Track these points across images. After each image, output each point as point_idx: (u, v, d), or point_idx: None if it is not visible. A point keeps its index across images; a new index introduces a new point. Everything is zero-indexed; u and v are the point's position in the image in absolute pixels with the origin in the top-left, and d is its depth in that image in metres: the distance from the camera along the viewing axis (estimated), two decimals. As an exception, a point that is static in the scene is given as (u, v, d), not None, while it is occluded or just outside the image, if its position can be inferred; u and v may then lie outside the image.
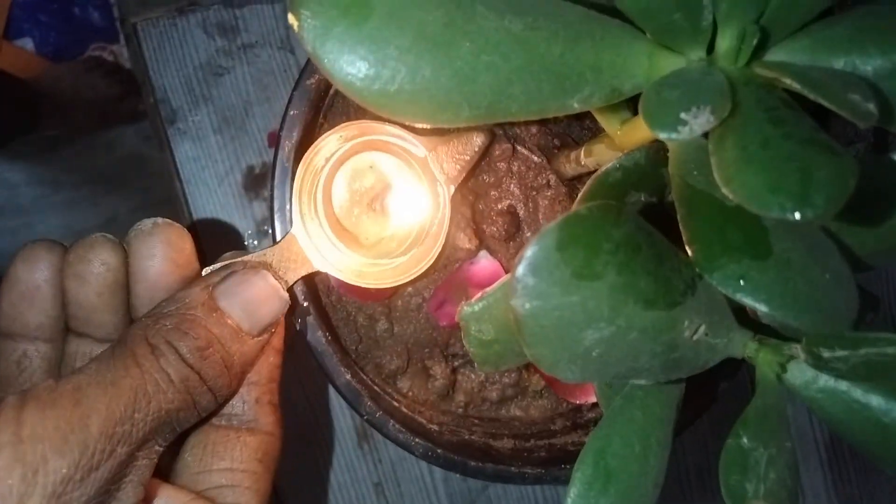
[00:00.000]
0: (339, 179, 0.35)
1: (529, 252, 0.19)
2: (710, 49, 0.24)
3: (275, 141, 0.55)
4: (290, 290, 0.32)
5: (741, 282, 0.22)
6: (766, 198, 0.19)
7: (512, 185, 0.39)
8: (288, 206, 0.32)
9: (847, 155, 0.19)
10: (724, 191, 0.20)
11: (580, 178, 0.39)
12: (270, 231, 0.33)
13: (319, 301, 0.35)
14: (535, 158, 0.39)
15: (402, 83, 0.22)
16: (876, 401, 0.24)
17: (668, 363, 0.23)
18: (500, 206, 0.39)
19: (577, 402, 0.42)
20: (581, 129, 0.41)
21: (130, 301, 0.32)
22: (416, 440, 0.35)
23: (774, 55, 0.23)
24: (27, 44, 1.15)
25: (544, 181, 0.39)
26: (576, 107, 0.23)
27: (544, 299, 0.19)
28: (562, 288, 0.19)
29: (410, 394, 0.39)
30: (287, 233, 0.32)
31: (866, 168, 0.25)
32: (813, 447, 0.57)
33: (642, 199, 0.31)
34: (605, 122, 0.33)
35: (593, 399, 0.42)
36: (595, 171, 0.37)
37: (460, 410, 0.41)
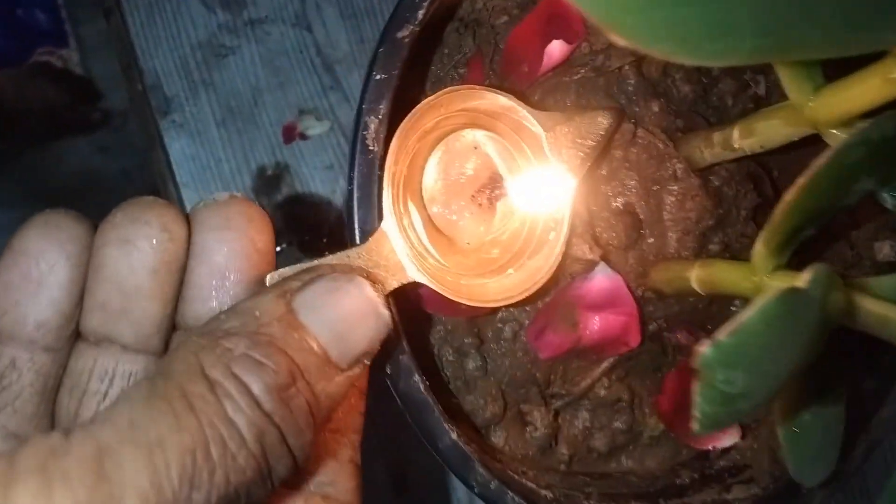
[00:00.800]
0: (431, 164, 0.26)
1: None
2: None
3: (289, 135, 0.46)
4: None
5: None
6: None
7: (629, 178, 0.31)
8: (376, 198, 0.23)
9: None
10: None
11: (712, 168, 0.31)
12: (349, 229, 0.24)
13: (413, 331, 0.26)
14: (659, 144, 0.31)
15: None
16: None
17: None
18: (615, 205, 0.31)
19: (703, 446, 0.34)
20: (707, 106, 0.33)
21: (182, 293, 0.23)
22: (538, 516, 0.26)
23: None
24: (-35, 48, 1.03)
25: (669, 172, 0.31)
26: (892, 39, 0.15)
27: None
28: None
29: (507, 448, 0.31)
30: (376, 229, 0.23)
31: None
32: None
33: (870, 187, 0.23)
34: (794, 88, 0.25)
35: (723, 443, 0.33)
36: (749, 156, 0.29)
37: (563, 466, 0.32)
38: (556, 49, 0.30)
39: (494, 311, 0.29)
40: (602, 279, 0.30)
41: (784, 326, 0.17)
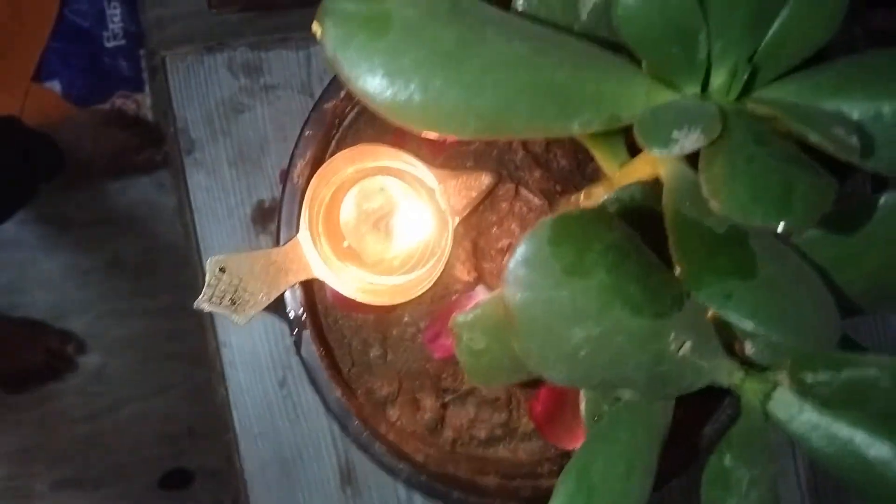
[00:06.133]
0: (349, 198, 0.36)
1: (522, 245, 0.20)
2: (705, 87, 0.25)
3: (285, 177, 0.57)
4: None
5: (728, 299, 0.23)
6: (749, 207, 0.20)
7: (513, 225, 0.40)
8: (295, 217, 0.33)
9: (826, 174, 0.20)
10: (711, 204, 0.21)
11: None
12: (277, 239, 0.34)
13: (317, 317, 0.36)
14: (537, 200, 0.40)
15: (414, 93, 0.23)
16: (860, 436, 0.24)
17: (654, 376, 0.24)
18: (500, 245, 0.40)
19: (567, 447, 0.42)
20: (582, 177, 0.42)
21: None
22: (401, 465, 0.35)
23: (764, 94, 0.25)
24: (55, 86, 1.19)
25: (544, 223, 0.40)
26: (576, 129, 0.25)
27: (535, 290, 0.20)
28: (553, 281, 0.20)
29: (399, 423, 0.40)
30: (292, 237, 0.34)
31: (857, 209, 0.26)
32: (794, 481, 0.57)
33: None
34: (605, 163, 0.34)
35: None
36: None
37: (447, 447, 0.41)
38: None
39: (393, 311, 0.39)
40: (482, 297, 0.39)
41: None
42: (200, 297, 0.32)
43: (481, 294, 0.39)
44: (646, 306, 0.22)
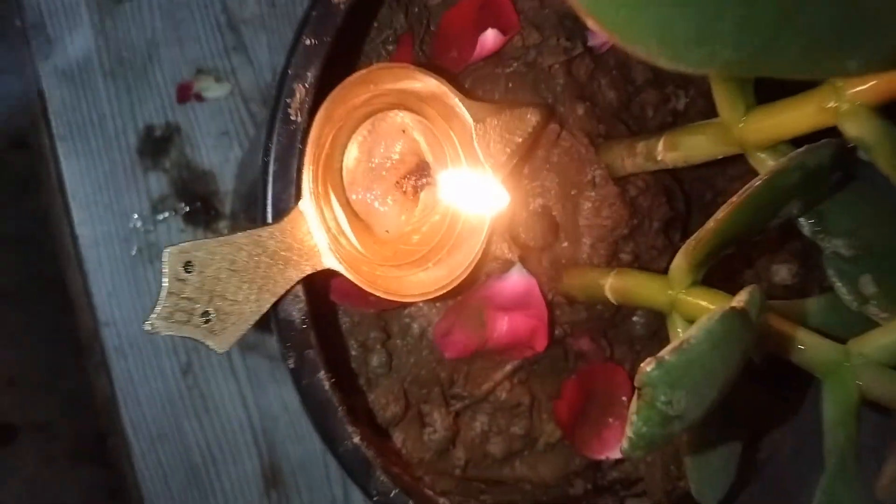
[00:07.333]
0: (355, 143, 0.24)
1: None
2: None
3: (184, 94, 0.42)
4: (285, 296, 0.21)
5: None
6: None
7: (549, 180, 0.30)
8: (294, 175, 0.21)
9: None
10: None
11: (629, 178, 0.31)
12: (262, 213, 0.22)
13: (321, 323, 0.24)
14: (582, 149, 0.30)
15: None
16: None
17: None
18: (534, 206, 0.30)
19: (596, 455, 0.34)
20: (629, 114, 0.32)
21: None
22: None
23: None
24: None
25: (589, 178, 0.30)
26: (853, 69, 0.15)
27: None
28: None
29: (404, 451, 0.29)
30: (292, 208, 0.21)
31: None
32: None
33: (795, 212, 0.23)
34: (727, 106, 0.25)
35: (615, 454, 0.34)
36: (666, 169, 0.29)
37: (458, 471, 0.31)
38: (490, 38, 0.28)
39: (404, 305, 0.28)
40: (517, 280, 0.29)
41: (725, 347, 0.16)
42: (155, 311, 0.19)
43: (516, 277, 0.29)
44: None
